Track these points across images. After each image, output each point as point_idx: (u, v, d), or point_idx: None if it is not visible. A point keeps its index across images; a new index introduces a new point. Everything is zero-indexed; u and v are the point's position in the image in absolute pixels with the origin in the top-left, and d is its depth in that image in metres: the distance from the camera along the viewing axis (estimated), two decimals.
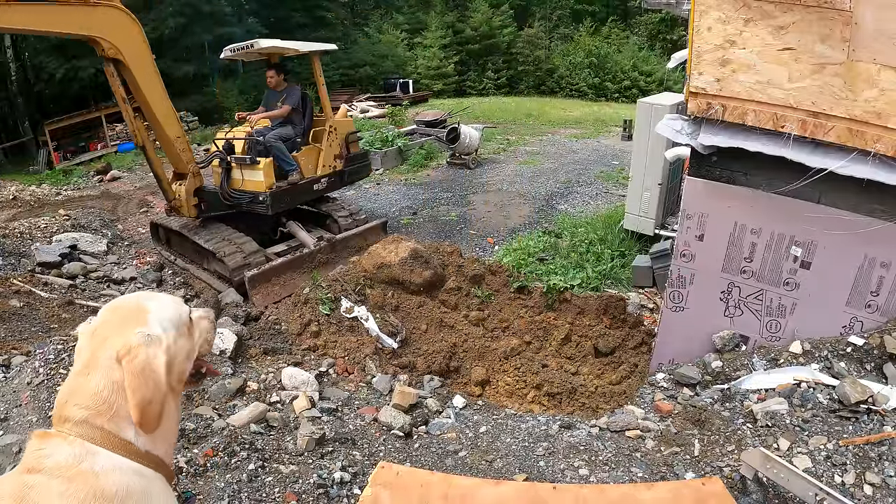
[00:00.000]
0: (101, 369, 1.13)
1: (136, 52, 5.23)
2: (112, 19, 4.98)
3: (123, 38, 5.07)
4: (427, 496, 2.04)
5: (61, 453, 1.04)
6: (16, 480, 1.03)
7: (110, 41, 4.97)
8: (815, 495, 2.18)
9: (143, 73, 5.35)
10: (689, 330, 3.97)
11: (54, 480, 1.01)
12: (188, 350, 1.32)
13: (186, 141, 6.22)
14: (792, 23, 2.97)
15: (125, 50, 5.10)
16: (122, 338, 1.16)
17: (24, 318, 4.72)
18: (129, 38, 5.13)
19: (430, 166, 12.12)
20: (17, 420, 2.95)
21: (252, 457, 2.75)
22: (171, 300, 1.35)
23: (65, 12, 4.66)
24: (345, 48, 23.58)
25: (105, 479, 1.04)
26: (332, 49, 7.81)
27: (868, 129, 2.88)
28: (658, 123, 3.79)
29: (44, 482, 1.01)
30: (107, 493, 1.04)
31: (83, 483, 1.02)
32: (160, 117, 5.71)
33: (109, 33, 4.96)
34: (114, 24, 5.00)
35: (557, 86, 26.20)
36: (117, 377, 1.12)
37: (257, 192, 6.34)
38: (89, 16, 4.81)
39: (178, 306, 1.34)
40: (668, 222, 6.96)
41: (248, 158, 6.34)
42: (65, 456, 1.04)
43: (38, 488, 1.00)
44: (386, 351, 4.85)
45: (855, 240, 3.18)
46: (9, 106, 17.98)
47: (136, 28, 5.20)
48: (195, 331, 1.38)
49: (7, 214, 9.24)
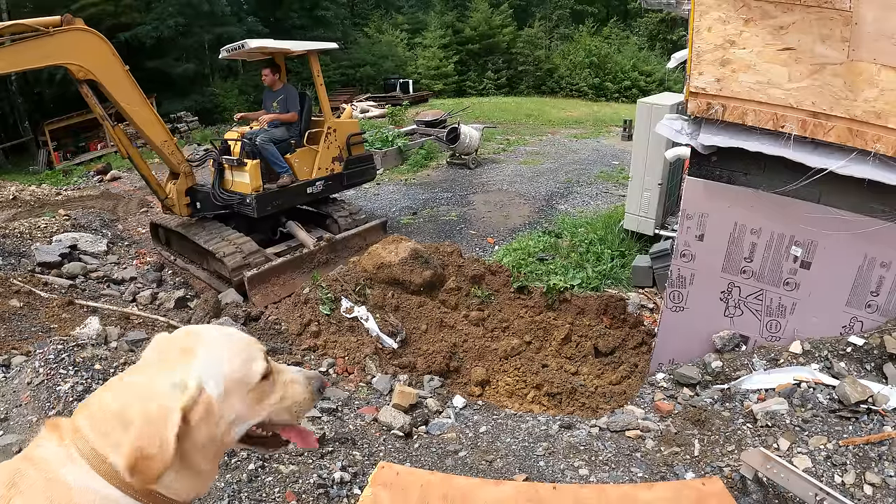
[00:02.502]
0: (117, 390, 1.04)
1: (108, 69, 5.26)
2: (79, 42, 5.00)
3: (93, 58, 5.10)
4: (427, 496, 2.04)
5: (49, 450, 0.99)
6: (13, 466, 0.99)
7: (81, 65, 5.01)
8: (815, 495, 2.18)
9: (118, 88, 5.40)
10: (689, 330, 3.97)
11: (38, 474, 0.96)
12: (243, 415, 1.08)
13: (175, 143, 6.20)
14: (792, 23, 2.97)
15: (96, 70, 5.13)
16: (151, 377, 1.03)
17: (24, 318, 4.72)
18: (98, 57, 5.15)
19: (430, 166, 12.12)
20: (17, 420, 2.95)
21: (252, 457, 2.75)
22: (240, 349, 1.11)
23: (33, 48, 4.67)
24: (345, 48, 23.59)
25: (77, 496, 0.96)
26: (331, 48, 7.72)
27: (868, 129, 2.88)
28: (658, 123, 3.79)
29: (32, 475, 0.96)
30: None
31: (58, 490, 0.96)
32: (143, 125, 5.77)
33: (79, 57, 4.99)
34: (82, 48, 5.02)
35: (557, 86, 26.21)
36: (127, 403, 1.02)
37: (244, 194, 6.29)
38: (58, 44, 4.83)
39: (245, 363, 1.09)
40: (668, 222, 6.96)
41: (235, 160, 6.31)
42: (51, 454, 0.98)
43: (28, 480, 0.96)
44: (386, 351, 4.85)
45: (855, 240, 3.18)
46: (9, 106, 17.97)
47: (104, 46, 5.21)
48: (272, 395, 1.13)
49: (7, 214, 9.23)
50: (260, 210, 6.27)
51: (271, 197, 6.43)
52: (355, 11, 31.47)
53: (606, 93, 24.89)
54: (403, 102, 19.48)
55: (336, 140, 7.18)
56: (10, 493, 0.93)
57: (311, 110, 7.25)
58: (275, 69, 6.75)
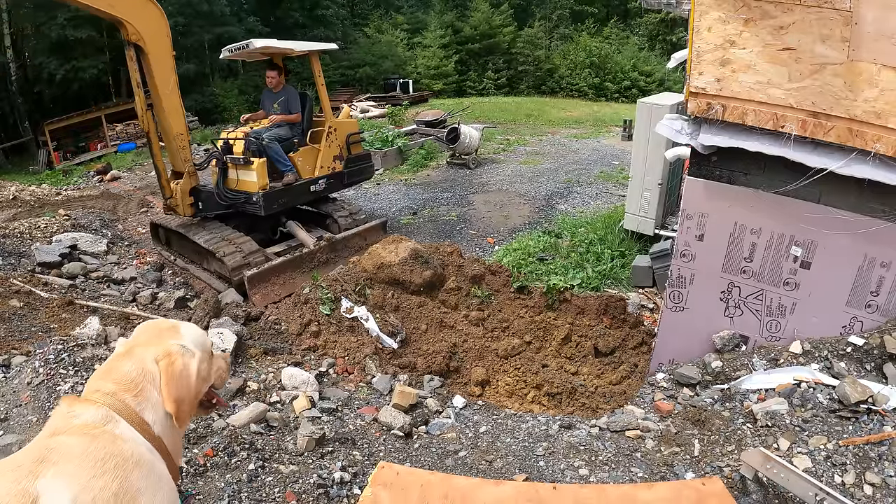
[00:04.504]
0: (136, 359, 1.32)
1: (158, 42, 5.53)
2: (144, 7, 5.37)
3: (147, 26, 5.39)
4: (427, 496, 2.04)
5: (89, 414, 1.19)
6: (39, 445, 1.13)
7: (134, 25, 5.28)
8: (815, 495, 2.18)
9: (160, 64, 5.62)
10: (689, 330, 3.97)
11: (78, 439, 1.13)
12: (206, 374, 1.48)
13: (187, 140, 6.24)
14: (792, 23, 2.96)
15: (147, 38, 5.39)
16: (160, 345, 1.36)
17: (24, 318, 4.71)
18: (153, 27, 5.45)
19: (430, 166, 12.12)
20: (17, 420, 2.95)
21: (252, 457, 2.75)
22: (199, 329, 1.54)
23: None
24: (344, 48, 23.58)
25: (123, 444, 1.17)
26: (331, 48, 7.79)
27: (868, 129, 2.88)
28: (658, 123, 3.79)
29: (66, 441, 1.12)
30: (124, 455, 1.16)
31: (104, 442, 1.14)
32: (169, 110, 5.88)
33: (134, 18, 5.27)
34: (140, 11, 5.35)
35: (557, 86, 26.22)
36: (148, 368, 1.31)
37: (250, 193, 6.34)
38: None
39: (205, 336, 1.53)
40: (668, 222, 6.96)
41: (241, 158, 6.34)
42: (92, 416, 1.19)
43: (60, 449, 1.10)
44: (386, 351, 4.85)
45: (855, 240, 3.18)
46: (9, 106, 17.97)
47: (162, 21, 5.55)
48: (214, 363, 1.55)
49: (7, 214, 9.23)
50: (267, 208, 6.34)
51: (277, 195, 6.49)
52: (355, 11, 31.48)
53: (606, 93, 24.90)
54: (403, 102, 19.49)
55: (337, 139, 7.24)
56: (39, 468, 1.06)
57: (312, 110, 7.28)
58: (281, 71, 6.83)
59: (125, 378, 1.27)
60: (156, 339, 1.39)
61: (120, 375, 1.28)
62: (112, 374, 1.29)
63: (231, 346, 4.04)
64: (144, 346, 1.35)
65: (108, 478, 1.10)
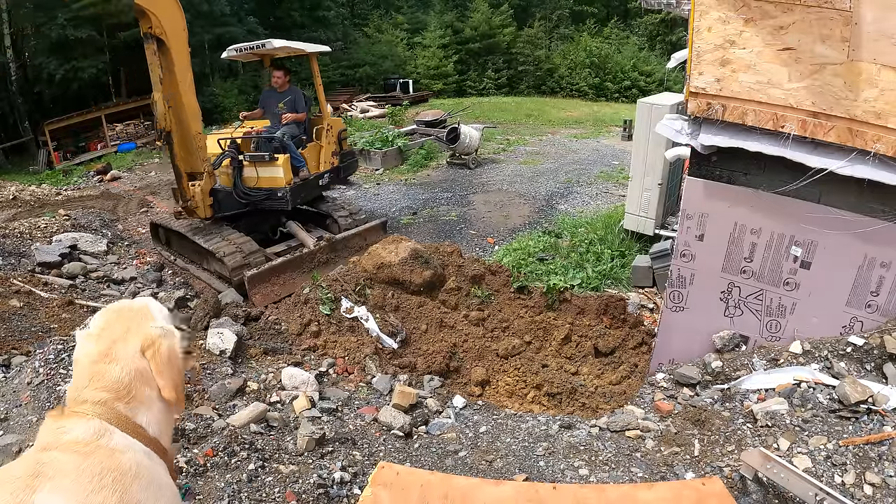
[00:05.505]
0: (123, 359, 1.24)
1: (179, 38, 5.52)
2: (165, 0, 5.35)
3: (170, 20, 5.37)
4: (427, 496, 2.04)
5: (80, 430, 1.13)
6: (30, 460, 1.09)
7: (159, 18, 5.24)
8: (815, 495, 2.18)
9: (180, 60, 5.62)
10: (689, 330, 3.97)
11: (71, 455, 1.08)
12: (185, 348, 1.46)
13: (204, 139, 6.21)
14: (792, 23, 2.96)
15: (170, 31, 5.37)
16: (139, 333, 1.29)
17: (24, 318, 4.71)
18: (175, 21, 5.45)
19: (430, 166, 12.12)
20: (17, 420, 2.95)
21: (252, 457, 2.75)
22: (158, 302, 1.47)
23: None
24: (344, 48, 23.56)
25: (120, 456, 1.13)
26: (326, 51, 7.94)
27: (868, 129, 2.88)
28: (658, 123, 3.79)
29: (59, 458, 1.08)
30: (122, 468, 1.12)
31: (100, 458, 1.10)
32: (188, 108, 5.84)
33: (160, 10, 5.25)
34: (165, 5, 5.32)
35: (557, 86, 26.18)
36: (138, 366, 1.24)
37: (276, 188, 6.44)
38: None
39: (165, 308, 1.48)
40: (668, 222, 6.96)
41: (266, 155, 6.41)
42: (83, 432, 1.13)
43: (53, 464, 1.06)
44: (386, 351, 4.85)
45: (855, 240, 3.18)
46: (9, 106, 17.95)
47: (182, 17, 5.55)
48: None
49: (7, 214, 9.23)
50: (293, 202, 6.54)
51: (299, 189, 6.68)
52: (355, 11, 31.45)
53: (606, 93, 24.86)
54: (403, 102, 19.47)
55: (332, 136, 7.41)
56: (35, 483, 1.03)
57: (311, 109, 7.38)
58: (287, 71, 6.93)
59: (116, 385, 1.21)
60: (133, 327, 1.30)
61: (110, 382, 1.21)
62: (100, 381, 1.21)
63: (231, 346, 4.04)
64: (123, 341, 1.26)
65: (107, 492, 1.08)
